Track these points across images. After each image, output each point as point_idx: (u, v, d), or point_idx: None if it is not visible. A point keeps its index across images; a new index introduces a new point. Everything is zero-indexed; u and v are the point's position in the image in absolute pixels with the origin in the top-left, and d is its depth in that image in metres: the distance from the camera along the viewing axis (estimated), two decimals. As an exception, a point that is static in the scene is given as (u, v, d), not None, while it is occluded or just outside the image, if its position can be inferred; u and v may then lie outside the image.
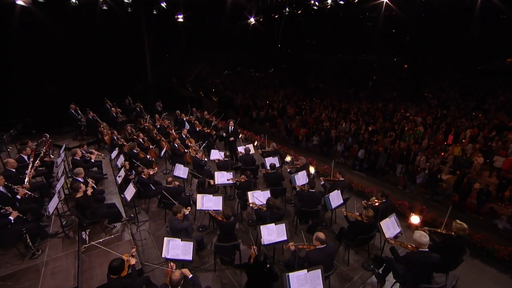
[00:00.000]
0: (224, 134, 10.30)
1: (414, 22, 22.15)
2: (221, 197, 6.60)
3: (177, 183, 7.05)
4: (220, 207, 6.36)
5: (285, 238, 5.14)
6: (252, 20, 20.15)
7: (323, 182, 7.50)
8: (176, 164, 7.70)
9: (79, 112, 10.95)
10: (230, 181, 7.12)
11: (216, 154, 8.50)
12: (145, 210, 7.45)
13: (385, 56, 26.97)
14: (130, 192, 6.54)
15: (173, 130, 10.52)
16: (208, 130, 10.44)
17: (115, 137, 9.48)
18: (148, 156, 8.52)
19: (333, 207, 6.43)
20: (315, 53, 29.96)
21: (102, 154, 8.66)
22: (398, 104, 19.27)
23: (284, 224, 5.23)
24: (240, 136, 12.15)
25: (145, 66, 16.03)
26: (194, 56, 23.74)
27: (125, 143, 9.17)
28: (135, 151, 8.30)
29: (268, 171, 7.48)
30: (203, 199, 6.59)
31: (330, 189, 6.98)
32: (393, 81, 24.07)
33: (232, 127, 10.01)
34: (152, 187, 7.26)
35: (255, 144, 11.39)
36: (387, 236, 5.15)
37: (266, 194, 6.43)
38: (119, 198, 7.46)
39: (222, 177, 7.26)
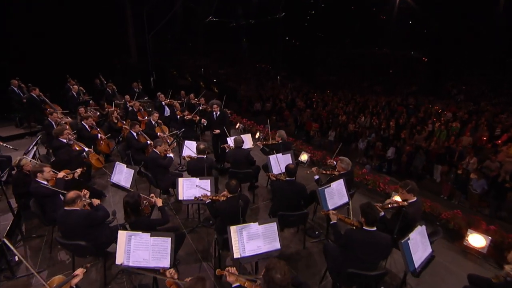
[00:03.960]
0: (204, 123, 7.12)
1: (431, 13, 18.99)
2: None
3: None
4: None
5: None
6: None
7: (317, 177, 4.65)
8: (116, 164, 4.74)
9: (24, 90, 8.09)
10: (202, 199, 3.96)
11: (190, 147, 5.47)
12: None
13: (400, 49, 23.71)
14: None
15: (146, 116, 7.64)
16: (189, 116, 7.44)
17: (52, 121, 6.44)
18: (86, 149, 5.54)
19: (330, 207, 3.84)
20: (323, 46, 26.78)
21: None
22: (420, 98, 16.20)
23: None
24: (237, 127, 9.20)
25: (127, 43, 13.02)
26: (192, 44, 20.77)
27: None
28: (63, 140, 5.28)
29: (279, 177, 4.50)
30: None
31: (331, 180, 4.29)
32: (408, 74, 21.00)
33: (217, 113, 6.72)
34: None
35: (256, 135, 8.41)
36: None
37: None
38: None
39: (191, 188, 4.31)
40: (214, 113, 6.63)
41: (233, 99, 18.27)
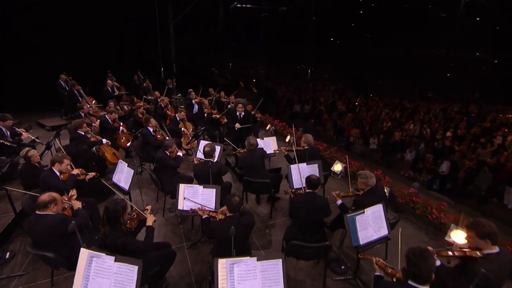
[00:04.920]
0: (224, 121, 6.29)
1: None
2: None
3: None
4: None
5: None
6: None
7: (340, 202, 3.52)
8: (119, 162, 4.15)
9: (68, 85, 8.17)
10: (199, 212, 3.18)
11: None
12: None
13: (463, 49, 20.57)
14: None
15: (173, 113, 7.15)
16: (217, 116, 6.73)
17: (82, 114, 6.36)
18: (104, 140, 5.18)
19: (362, 241, 2.77)
20: (371, 47, 24.44)
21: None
22: (485, 106, 13.62)
23: None
24: (268, 128, 8.31)
25: (168, 39, 12.85)
26: (235, 44, 20.28)
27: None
28: (81, 133, 4.99)
29: (299, 192, 3.52)
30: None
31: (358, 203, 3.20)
32: (469, 78, 18.01)
33: (242, 113, 5.98)
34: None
35: (286, 139, 7.41)
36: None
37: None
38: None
39: (193, 197, 3.52)
40: (238, 113, 5.83)
41: (271, 100, 17.47)
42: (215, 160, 4.74)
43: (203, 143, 4.91)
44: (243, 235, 2.75)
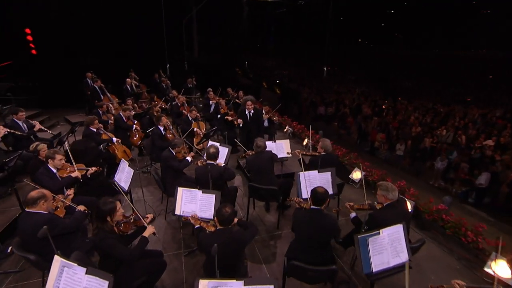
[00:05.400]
0: (240, 123, 5.74)
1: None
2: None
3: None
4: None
5: None
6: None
7: (354, 215, 3.06)
8: (121, 161, 3.94)
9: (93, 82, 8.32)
10: (191, 221, 2.89)
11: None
12: None
13: (509, 50, 18.57)
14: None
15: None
16: (230, 118, 6.38)
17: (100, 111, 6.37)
18: (114, 139, 5.09)
19: (375, 268, 2.26)
20: (401, 47, 22.86)
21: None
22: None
23: None
24: (285, 130, 7.89)
25: (191, 39, 12.84)
26: (260, 45, 19.94)
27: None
28: (93, 129, 4.91)
29: (303, 205, 3.04)
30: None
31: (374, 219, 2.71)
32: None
33: (251, 111, 5.51)
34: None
35: (304, 142, 6.92)
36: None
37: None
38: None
39: (192, 202, 3.22)
40: (248, 111, 5.47)
41: (294, 102, 16.93)
42: (223, 163, 4.45)
43: (211, 144, 4.63)
44: (233, 252, 2.39)
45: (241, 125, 5.71)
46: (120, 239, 2.60)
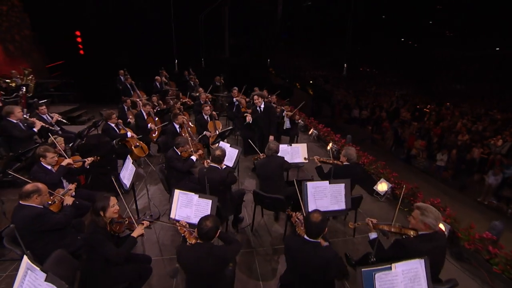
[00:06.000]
0: (249, 121, 5.42)
1: None
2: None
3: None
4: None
5: None
6: None
7: (374, 236, 2.52)
8: (127, 159, 3.76)
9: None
10: (178, 228, 2.63)
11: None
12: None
13: None
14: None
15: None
16: (249, 118, 6.00)
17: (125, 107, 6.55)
18: (129, 133, 5.07)
19: None
20: (451, 47, 20.37)
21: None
22: None
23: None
24: (310, 133, 7.34)
25: (222, 39, 12.71)
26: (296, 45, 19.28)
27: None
28: (111, 124, 4.93)
29: (298, 229, 2.52)
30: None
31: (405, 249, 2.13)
32: None
33: (261, 106, 5.09)
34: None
35: (328, 147, 6.30)
36: None
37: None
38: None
39: (187, 206, 2.93)
40: (257, 107, 5.08)
41: (328, 103, 16.10)
42: (232, 165, 4.15)
43: (223, 144, 4.34)
44: (211, 270, 2.04)
45: (250, 122, 5.37)
46: (111, 238, 2.44)
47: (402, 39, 21.10)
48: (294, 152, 4.42)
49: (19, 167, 3.90)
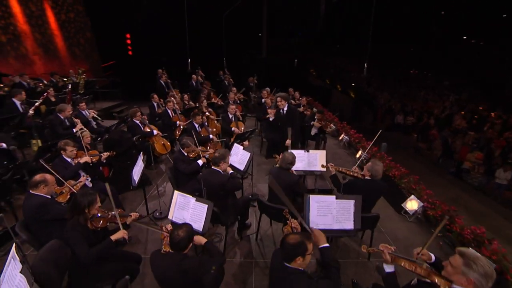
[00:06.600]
0: (268, 116, 5.17)
1: None
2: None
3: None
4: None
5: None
6: None
7: (392, 269, 1.91)
8: (140, 155, 3.74)
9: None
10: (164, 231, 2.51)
11: (236, 153, 3.98)
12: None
13: None
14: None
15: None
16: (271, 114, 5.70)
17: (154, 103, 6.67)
18: (155, 131, 5.18)
19: None
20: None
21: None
22: None
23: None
24: (340, 138, 6.80)
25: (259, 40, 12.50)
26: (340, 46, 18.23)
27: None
28: (136, 121, 5.09)
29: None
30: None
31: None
32: None
33: (285, 108, 4.75)
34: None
35: (357, 155, 5.71)
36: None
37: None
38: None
39: (184, 208, 2.81)
40: (280, 109, 4.77)
41: (370, 107, 14.90)
42: (243, 169, 3.94)
43: (236, 147, 4.16)
44: (180, 283, 1.86)
45: (271, 120, 5.12)
46: (92, 235, 2.39)
47: (464, 37, 18.49)
48: (311, 159, 4.03)
49: (49, 157, 4.22)
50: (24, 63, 9.11)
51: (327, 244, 2.02)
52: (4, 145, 3.67)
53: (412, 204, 3.82)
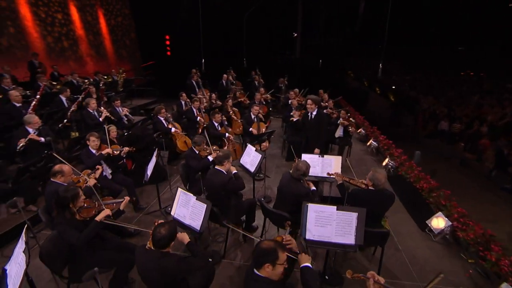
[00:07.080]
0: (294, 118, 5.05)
1: None
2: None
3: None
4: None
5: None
6: None
7: None
8: (155, 152, 3.83)
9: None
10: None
11: (248, 154, 3.85)
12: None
13: None
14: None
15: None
16: (295, 118, 5.42)
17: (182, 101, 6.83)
18: (173, 129, 5.33)
19: None
20: None
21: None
22: None
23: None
24: (368, 144, 6.34)
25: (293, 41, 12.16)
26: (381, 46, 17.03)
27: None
28: (161, 118, 5.29)
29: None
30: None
31: None
32: None
33: (313, 113, 4.41)
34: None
35: (384, 162, 5.23)
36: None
37: None
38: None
39: (185, 206, 2.86)
40: (309, 112, 4.49)
41: (410, 112, 13.71)
42: (253, 170, 3.85)
43: (248, 148, 4.08)
44: (158, 279, 1.84)
45: (294, 120, 4.96)
46: (81, 226, 2.46)
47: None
48: (325, 165, 3.77)
49: (79, 148, 4.60)
50: (80, 64, 10.16)
51: (309, 265, 1.86)
52: (42, 139, 4.08)
53: (438, 222, 3.36)
